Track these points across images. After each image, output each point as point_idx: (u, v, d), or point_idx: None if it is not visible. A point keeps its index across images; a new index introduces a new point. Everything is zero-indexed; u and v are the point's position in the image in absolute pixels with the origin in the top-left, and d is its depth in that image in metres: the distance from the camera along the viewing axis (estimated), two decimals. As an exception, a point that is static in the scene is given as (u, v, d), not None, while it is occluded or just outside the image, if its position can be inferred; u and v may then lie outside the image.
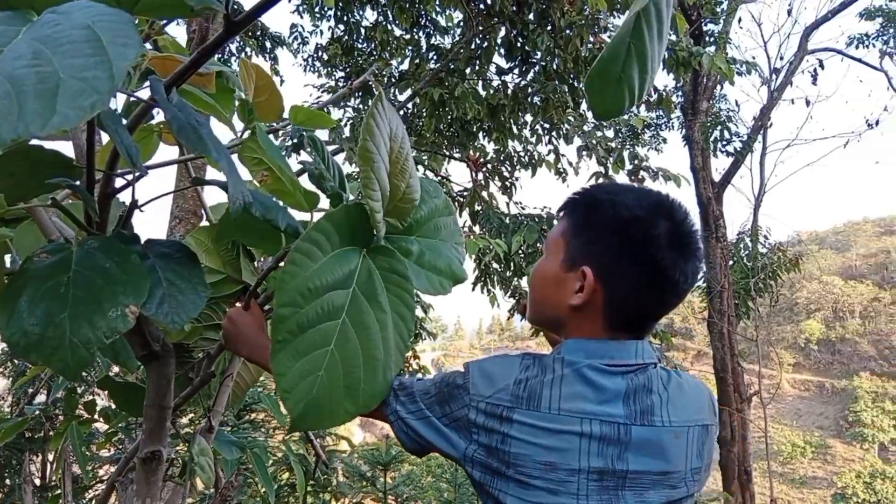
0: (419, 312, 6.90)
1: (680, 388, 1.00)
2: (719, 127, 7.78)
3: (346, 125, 5.86)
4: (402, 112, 6.81)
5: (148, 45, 1.38)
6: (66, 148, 1.29)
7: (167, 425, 1.10)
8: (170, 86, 0.93)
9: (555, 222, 1.12)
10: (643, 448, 0.92)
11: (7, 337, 0.75)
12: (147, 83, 1.19)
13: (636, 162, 5.33)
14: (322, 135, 6.34)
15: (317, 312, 0.91)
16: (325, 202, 1.25)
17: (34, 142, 1.28)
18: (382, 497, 6.54)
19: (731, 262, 7.93)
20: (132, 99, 1.24)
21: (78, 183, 0.97)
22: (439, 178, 5.95)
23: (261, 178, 1.31)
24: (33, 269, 0.80)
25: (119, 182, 1.09)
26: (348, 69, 7.32)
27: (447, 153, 6.54)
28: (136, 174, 1.04)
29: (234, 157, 1.15)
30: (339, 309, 0.93)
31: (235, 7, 0.98)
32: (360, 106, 6.55)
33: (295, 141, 4.97)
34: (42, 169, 0.95)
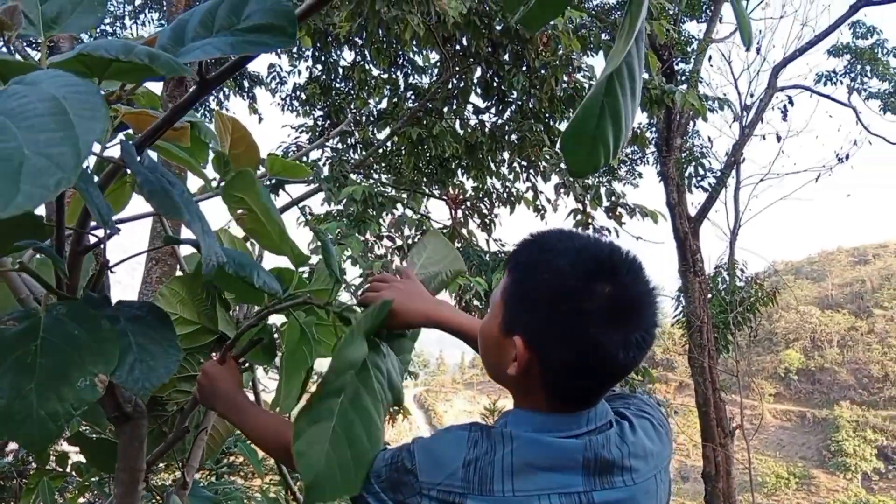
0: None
1: (642, 433, 0.95)
2: (693, 163, 7.91)
3: (324, 164, 5.88)
4: (380, 150, 6.86)
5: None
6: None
7: (139, 488, 1.07)
8: (142, 145, 0.92)
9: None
10: None
11: (-30, 410, 0.73)
12: (118, 137, 1.18)
13: (613, 198, 5.39)
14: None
15: (336, 386, 0.97)
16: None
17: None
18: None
19: (709, 296, 8.00)
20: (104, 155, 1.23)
21: (47, 243, 0.96)
22: (419, 216, 5.96)
23: (238, 216, 1.29)
24: (0, 339, 0.78)
25: (90, 238, 1.08)
26: (326, 108, 7.38)
27: (426, 191, 6.58)
28: (108, 232, 1.03)
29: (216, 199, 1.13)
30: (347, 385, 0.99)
31: (209, 65, 0.98)
32: (339, 146, 6.59)
33: (273, 182, 4.96)
34: (10, 227, 0.93)
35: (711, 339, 7.42)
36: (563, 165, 5.39)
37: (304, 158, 5.33)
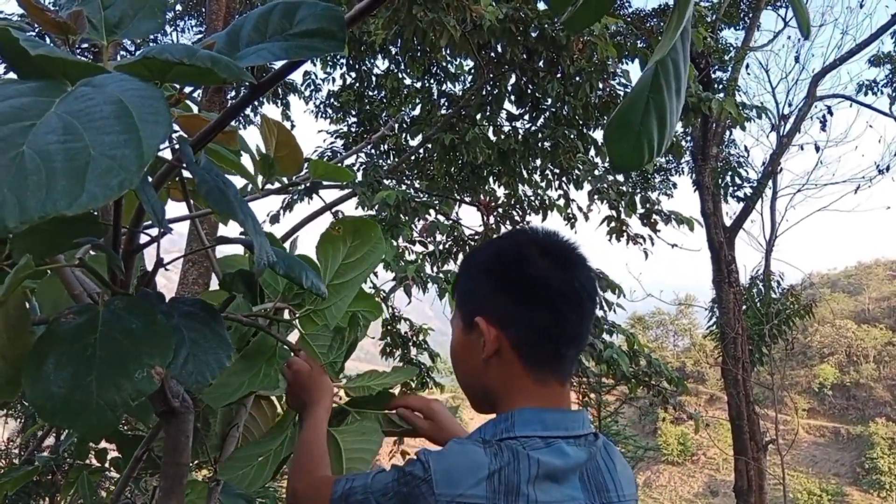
0: (426, 360, 6.84)
1: (619, 459, 0.99)
2: (729, 172, 7.81)
3: (359, 170, 5.93)
4: (413, 157, 6.90)
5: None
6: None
7: (184, 482, 1.09)
8: (196, 147, 0.95)
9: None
10: None
11: (32, 400, 0.75)
12: (170, 141, 1.22)
13: (648, 206, 5.35)
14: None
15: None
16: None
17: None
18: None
19: (744, 308, 7.88)
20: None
21: (103, 241, 0.99)
22: (451, 221, 5.98)
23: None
24: (60, 331, 0.81)
25: (142, 238, 1.11)
26: (360, 115, 7.44)
27: (458, 197, 6.59)
28: (161, 231, 1.05)
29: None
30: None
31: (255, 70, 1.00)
32: (373, 151, 6.64)
33: (308, 185, 5.02)
34: (68, 226, 0.96)
35: (746, 351, 7.30)
36: (596, 173, 5.38)
37: (342, 163, 5.38)
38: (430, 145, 6.45)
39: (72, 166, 0.59)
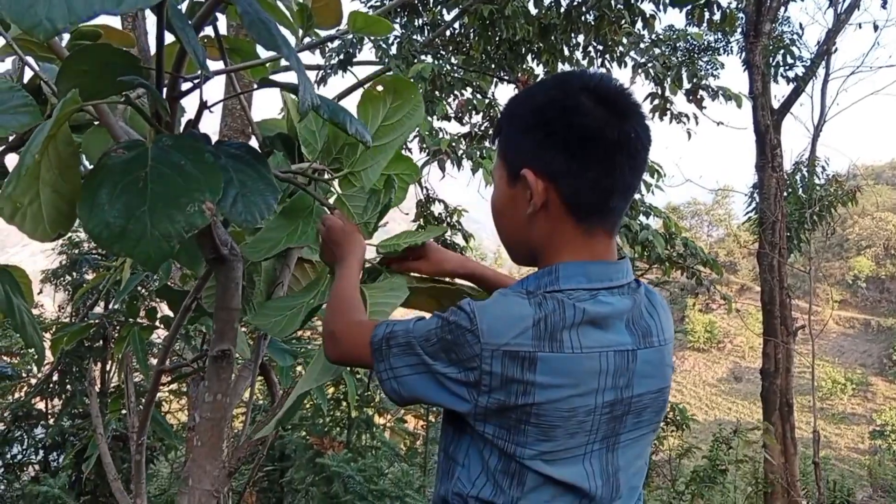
0: (460, 241, 6.85)
1: (660, 304, 1.00)
2: (782, 51, 7.39)
3: (392, 44, 5.74)
4: (449, 32, 6.64)
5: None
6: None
7: (235, 325, 1.13)
8: (237, -19, 0.91)
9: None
10: (646, 370, 0.92)
11: (90, 229, 0.76)
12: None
13: (695, 81, 5.10)
14: (369, 54, 6.22)
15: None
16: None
17: (104, 41, 1.28)
18: (424, 413, 6.74)
19: (785, 194, 7.69)
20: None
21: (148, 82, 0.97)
22: (487, 99, 5.83)
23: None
24: (111, 165, 0.81)
25: (184, 86, 1.09)
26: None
27: (495, 74, 6.38)
28: (203, 76, 1.03)
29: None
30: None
31: None
32: (406, 23, 6.39)
33: (341, 57, 4.90)
34: (112, 69, 0.94)
35: (783, 237, 7.20)
36: (642, 46, 5.13)
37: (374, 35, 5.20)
38: (466, 20, 6.18)
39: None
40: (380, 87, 1.32)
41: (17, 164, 0.80)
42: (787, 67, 7.44)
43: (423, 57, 5.49)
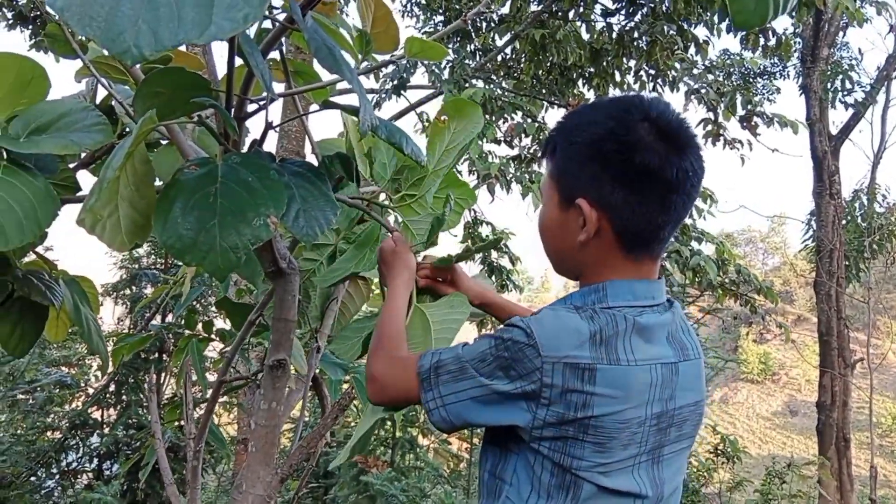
0: (506, 263, 6.85)
1: (687, 324, 1.02)
2: (840, 76, 7.23)
3: (444, 68, 5.84)
4: (500, 57, 6.72)
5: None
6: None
7: (291, 337, 1.17)
8: (304, 8, 0.96)
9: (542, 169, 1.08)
10: (686, 383, 0.94)
11: (164, 240, 0.81)
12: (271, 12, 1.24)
13: (749, 107, 5.03)
14: (422, 79, 6.32)
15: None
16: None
17: (174, 64, 1.35)
18: (468, 436, 6.72)
19: (843, 222, 7.47)
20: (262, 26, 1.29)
21: (218, 103, 1.03)
22: (537, 123, 5.86)
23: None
24: (183, 180, 0.86)
25: (250, 107, 1.15)
26: (447, 13, 7.25)
27: (545, 98, 6.42)
28: (269, 98, 1.09)
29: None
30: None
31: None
32: (458, 48, 6.49)
33: (396, 82, 5.01)
34: (184, 90, 1.01)
35: (842, 266, 6.99)
36: (695, 71, 5.10)
37: (427, 60, 5.31)
38: (517, 45, 6.25)
39: (200, 0, 0.62)
40: (444, 117, 1.35)
41: (98, 179, 0.86)
42: (845, 93, 7.27)
43: (474, 81, 5.57)
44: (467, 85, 5.15)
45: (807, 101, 7.58)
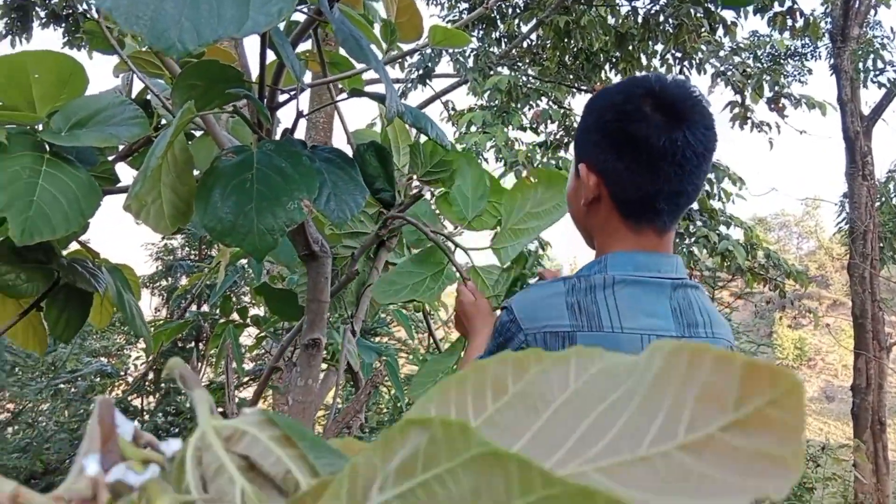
0: (533, 247, 6.83)
1: (711, 306, 1.01)
2: (871, 55, 7.09)
3: (469, 56, 5.85)
4: (525, 43, 6.70)
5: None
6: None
7: (325, 317, 1.22)
8: (332, 0, 1.01)
9: None
10: None
11: (205, 224, 0.87)
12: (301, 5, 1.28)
13: (777, 89, 4.96)
14: (447, 67, 6.36)
15: None
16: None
17: (208, 57, 1.41)
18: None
19: (878, 203, 7.34)
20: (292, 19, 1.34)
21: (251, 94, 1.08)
22: (562, 109, 5.85)
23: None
24: (222, 168, 0.91)
25: (280, 98, 1.20)
26: (471, 1, 7.25)
27: (571, 85, 6.40)
28: (299, 88, 1.14)
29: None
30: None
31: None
32: (483, 36, 6.49)
33: (421, 72, 5.04)
34: (219, 82, 1.06)
35: (876, 248, 6.87)
36: (721, 54, 5.05)
37: (451, 49, 5.32)
38: (542, 31, 6.23)
39: (237, -3, 0.66)
40: (533, 178, 1.38)
41: (142, 167, 0.91)
42: (877, 72, 7.11)
43: (499, 69, 5.57)
44: (492, 73, 5.16)
45: (838, 81, 7.43)
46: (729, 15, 5.09)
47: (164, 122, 1.39)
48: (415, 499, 0.17)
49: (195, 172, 1.26)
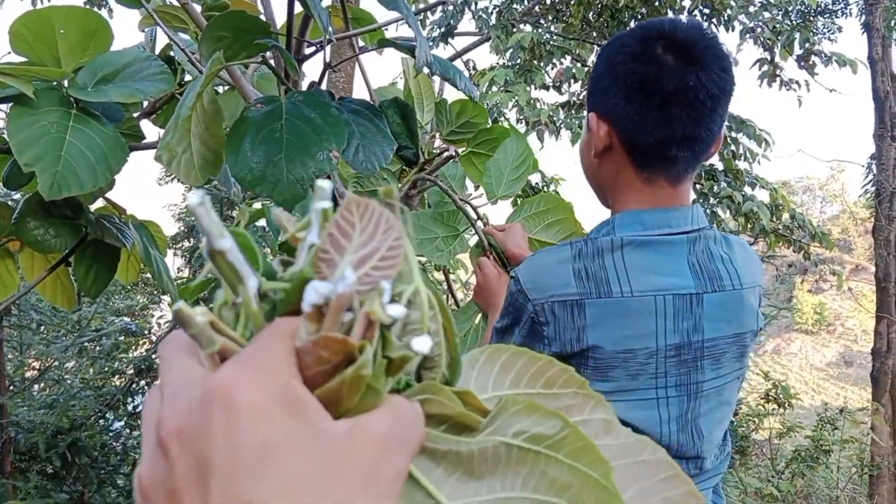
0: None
1: (741, 248, 0.97)
2: (906, 11, 6.86)
3: (491, 13, 5.75)
4: (548, 0, 6.57)
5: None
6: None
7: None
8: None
9: None
10: (717, 314, 0.90)
11: (235, 173, 0.87)
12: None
13: (807, 45, 4.83)
14: (468, 25, 6.26)
15: None
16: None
17: (232, 10, 1.40)
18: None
19: (906, 164, 7.19)
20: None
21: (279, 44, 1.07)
22: (586, 67, 5.75)
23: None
24: (251, 118, 0.91)
25: (307, 50, 1.19)
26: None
27: (595, 42, 6.27)
28: (326, 39, 1.12)
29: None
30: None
31: None
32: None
33: (443, 30, 4.97)
34: (246, 33, 1.05)
35: (902, 210, 6.76)
36: (751, 9, 4.92)
37: (474, 5, 5.25)
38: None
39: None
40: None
41: (172, 118, 0.91)
42: (911, 30, 6.89)
43: (522, 26, 5.47)
44: (515, 30, 5.07)
45: (869, 39, 7.21)
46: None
47: (188, 77, 1.39)
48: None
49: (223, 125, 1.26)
